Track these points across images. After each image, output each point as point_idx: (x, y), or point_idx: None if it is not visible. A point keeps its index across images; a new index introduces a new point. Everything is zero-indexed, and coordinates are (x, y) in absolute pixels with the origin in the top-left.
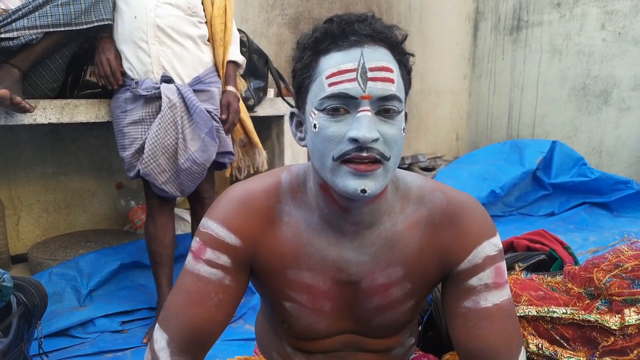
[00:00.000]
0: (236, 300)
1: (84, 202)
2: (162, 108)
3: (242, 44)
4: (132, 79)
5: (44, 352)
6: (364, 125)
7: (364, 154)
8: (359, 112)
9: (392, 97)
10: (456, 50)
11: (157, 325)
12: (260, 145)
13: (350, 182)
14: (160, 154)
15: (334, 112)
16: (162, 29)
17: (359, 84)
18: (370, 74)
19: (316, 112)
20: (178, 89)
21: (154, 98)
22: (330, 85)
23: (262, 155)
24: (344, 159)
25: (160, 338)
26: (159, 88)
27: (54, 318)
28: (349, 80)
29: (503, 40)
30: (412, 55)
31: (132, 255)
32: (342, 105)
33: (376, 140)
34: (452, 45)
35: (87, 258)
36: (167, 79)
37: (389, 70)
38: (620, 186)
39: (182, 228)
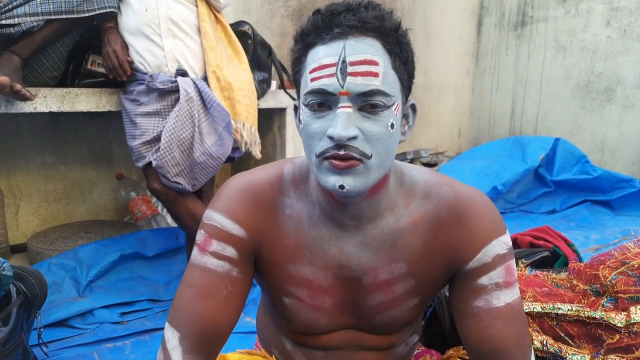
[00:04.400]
0: (245, 292)
1: (83, 193)
2: (180, 101)
3: (247, 35)
4: (145, 73)
5: (44, 342)
6: (339, 123)
7: (341, 152)
8: (338, 108)
9: (374, 93)
10: (460, 45)
11: (167, 324)
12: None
13: (330, 178)
14: (176, 146)
15: (317, 108)
16: (174, 22)
17: (338, 80)
18: (350, 69)
19: (303, 107)
20: (194, 82)
21: (170, 92)
22: (312, 80)
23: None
24: (324, 156)
25: (171, 336)
26: (175, 82)
27: (53, 308)
28: (328, 76)
29: (507, 35)
30: (408, 44)
31: (132, 247)
32: (323, 100)
33: (354, 138)
34: (455, 40)
35: (87, 249)
36: (182, 73)
37: (373, 63)
38: (622, 184)
39: None
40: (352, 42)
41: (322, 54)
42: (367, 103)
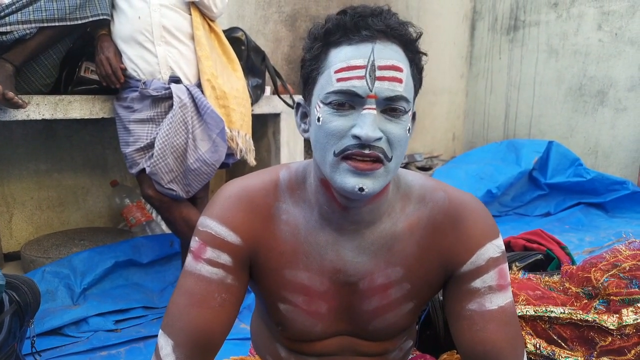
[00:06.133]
0: (239, 299)
1: (77, 200)
2: (174, 108)
3: (240, 41)
4: (138, 80)
5: (37, 351)
6: (367, 123)
7: (366, 151)
8: (363, 109)
9: (398, 98)
10: (453, 50)
11: (160, 331)
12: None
13: (348, 180)
14: (169, 153)
15: (339, 107)
16: (167, 29)
17: (367, 83)
18: (379, 73)
19: (321, 105)
20: (188, 89)
21: (163, 98)
22: (339, 80)
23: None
24: (344, 155)
25: (165, 344)
26: (168, 88)
27: (47, 317)
28: (357, 78)
29: (500, 39)
30: (425, 54)
31: (126, 254)
32: (347, 100)
33: (379, 139)
34: (449, 44)
35: (81, 256)
36: (175, 80)
37: (399, 69)
38: (615, 187)
39: None
40: (379, 47)
41: (350, 55)
42: (390, 107)
